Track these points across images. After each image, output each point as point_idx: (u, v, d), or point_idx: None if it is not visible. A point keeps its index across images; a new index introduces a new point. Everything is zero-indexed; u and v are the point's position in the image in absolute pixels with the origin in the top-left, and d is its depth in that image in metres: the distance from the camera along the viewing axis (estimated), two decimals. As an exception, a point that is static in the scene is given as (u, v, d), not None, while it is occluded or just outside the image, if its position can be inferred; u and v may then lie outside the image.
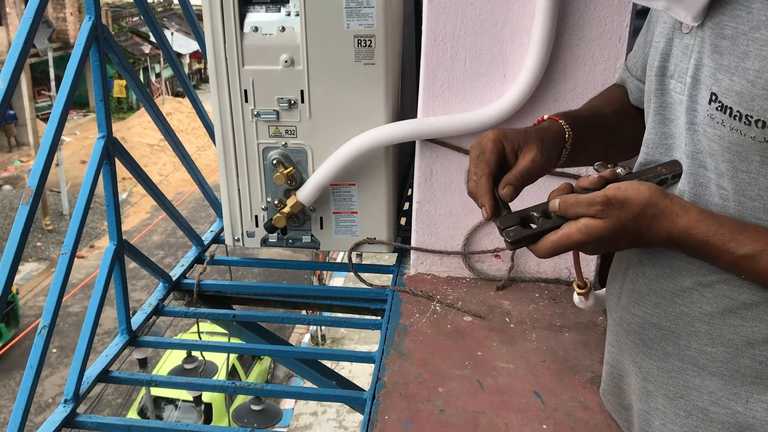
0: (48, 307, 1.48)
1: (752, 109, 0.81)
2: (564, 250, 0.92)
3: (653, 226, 0.88)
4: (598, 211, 0.88)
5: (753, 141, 0.82)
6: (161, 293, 2.01)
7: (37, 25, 1.43)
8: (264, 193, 1.95)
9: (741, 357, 0.92)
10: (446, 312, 1.73)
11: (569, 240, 0.91)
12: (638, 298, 1.04)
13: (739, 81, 0.82)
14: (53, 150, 1.45)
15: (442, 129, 1.74)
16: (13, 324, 11.50)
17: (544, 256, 0.94)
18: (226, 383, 1.88)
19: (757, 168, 0.84)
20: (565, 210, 0.91)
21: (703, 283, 0.94)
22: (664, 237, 0.89)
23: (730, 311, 0.92)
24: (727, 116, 0.84)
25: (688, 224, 0.87)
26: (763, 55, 0.80)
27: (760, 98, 0.80)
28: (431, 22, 1.69)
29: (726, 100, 0.84)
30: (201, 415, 9.00)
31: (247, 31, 1.77)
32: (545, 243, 0.93)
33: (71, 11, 19.81)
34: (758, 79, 0.80)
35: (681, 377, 0.99)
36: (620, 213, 0.88)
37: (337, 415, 10.30)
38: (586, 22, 1.66)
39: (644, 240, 0.90)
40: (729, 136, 0.85)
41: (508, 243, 0.95)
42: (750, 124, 0.82)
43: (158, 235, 15.32)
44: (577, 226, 0.90)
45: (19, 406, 1.39)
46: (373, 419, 1.34)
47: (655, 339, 1.02)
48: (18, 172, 17.28)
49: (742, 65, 0.82)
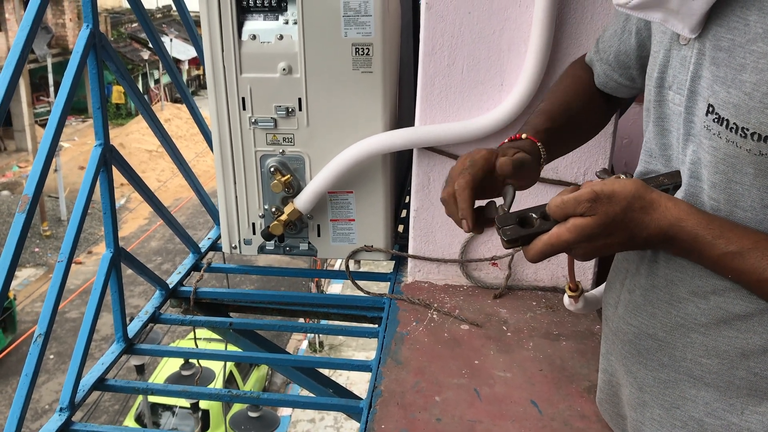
0: (44, 315, 1.47)
1: (748, 122, 0.81)
2: (555, 251, 0.91)
3: (643, 219, 0.87)
4: (587, 208, 0.87)
5: (748, 153, 0.82)
6: (158, 300, 2.01)
7: (35, 30, 1.43)
8: (261, 201, 1.95)
9: (736, 369, 0.92)
10: (443, 320, 1.73)
11: (559, 240, 0.89)
12: (635, 308, 1.04)
13: (735, 93, 0.82)
14: (51, 156, 1.45)
15: (440, 137, 1.75)
16: (10, 330, 11.47)
17: (534, 258, 0.92)
18: (223, 392, 1.88)
19: (751, 180, 0.84)
20: (555, 211, 0.90)
21: (698, 293, 0.94)
22: (655, 230, 0.87)
23: (724, 322, 0.92)
24: (723, 128, 0.84)
25: (679, 216, 0.87)
26: (759, 68, 0.79)
27: (756, 111, 0.80)
28: (429, 30, 1.70)
29: (723, 112, 0.84)
30: (198, 422, 8.96)
31: (245, 39, 1.78)
32: (536, 244, 0.92)
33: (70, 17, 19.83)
34: (755, 92, 0.80)
35: (676, 388, 0.99)
36: (608, 207, 0.87)
37: (335, 422, 10.27)
38: (582, 32, 1.67)
39: (635, 234, 0.88)
40: (725, 147, 0.85)
41: (504, 241, 0.94)
42: (746, 137, 0.82)
43: (156, 241, 15.30)
44: (566, 225, 0.89)
45: (14, 413, 1.39)
46: (370, 428, 1.34)
47: (650, 349, 1.02)
48: (16, 178, 17.27)
49: (739, 77, 0.82)
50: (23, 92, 17.23)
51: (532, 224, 0.94)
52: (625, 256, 1.10)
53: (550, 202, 0.91)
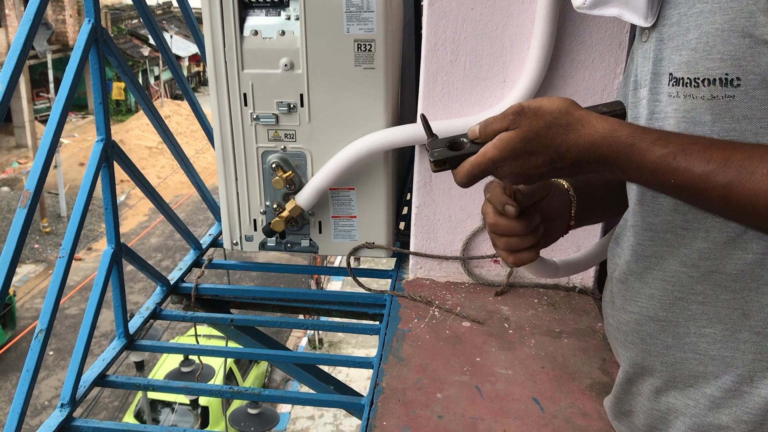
0: (45, 311, 1.47)
1: (698, 72, 0.86)
2: (481, 171, 0.91)
3: (569, 135, 0.86)
4: (511, 122, 0.87)
5: (703, 101, 0.86)
6: (159, 297, 2.01)
7: (36, 26, 1.42)
8: (263, 197, 1.95)
9: (739, 331, 0.92)
10: (445, 317, 1.72)
11: (485, 157, 0.89)
12: (632, 295, 1.05)
13: (685, 53, 0.88)
14: (52, 152, 1.45)
15: (442, 134, 1.74)
16: (10, 326, 11.48)
17: (462, 181, 0.92)
18: (224, 388, 1.88)
19: (710, 127, 0.86)
20: (484, 129, 0.90)
21: (687, 263, 0.95)
22: (584, 145, 0.86)
23: (720, 286, 0.92)
24: (681, 87, 0.88)
25: (611, 128, 0.85)
26: (699, 23, 0.86)
27: (702, 60, 0.85)
28: (431, 26, 1.69)
29: (678, 73, 0.89)
30: (198, 419, 8.98)
31: (246, 35, 1.77)
32: (464, 165, 0.91)
33: (71, 13, 19.82)
34: (698, 45, 0.86)
35: (685, 368, 0.99)
36: (532, 121, 0.86)
37: (335, 419, 10.29)
38: (586, 28, 1.66)
39: (562, 151, 0.87)
40: (683, 104, 0.88)
41: (431, 162, 0.93)
42: (698, 86, 0.86)
43: (156, 237, 15.30)
44: (492, 142, 0.89)
45: (15, 409, 1.38)
46: (371, 425, 1.34)
47: (653, 333, 1.02)
48: (16, 174, 17.27)
49: (686, 39, 0.88)
50: (23, 88, 17.23)
51: (462, 147, 0.93)
52: (612, 252, 1.11)
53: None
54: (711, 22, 0.85)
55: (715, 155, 0.80)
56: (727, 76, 0.84)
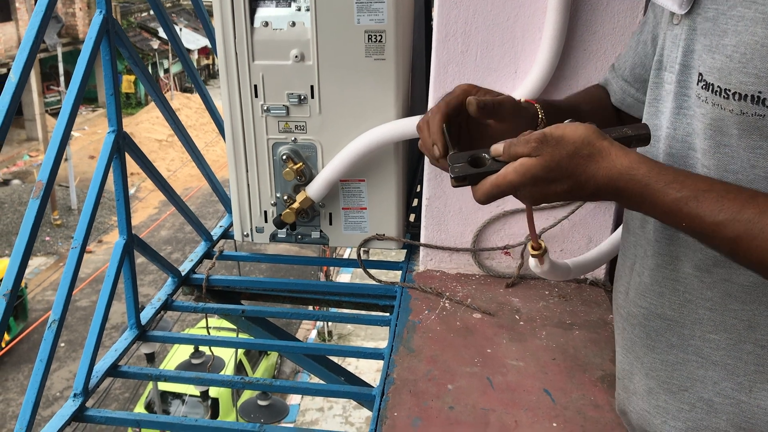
0: (58, 301, 1.48)
1: (730, 83, 0.83)
2: (501, 192, 0.90)
3: (590, 166, 0.85)
4: (533, 149, 0.86)
5: (731, 114, 0.84)
6: (170, 288, 2.01)
7: (47, 20, 1.43)
8: (273, 189, 1.95)
9: (743, 342, 0.92)
10: (456, 309, 1.72)
11: (505, 180, 0.88)
12: (644, 290, 1.04)
13: (719, 58, 0.85)
14: (64, 144, 1.46)
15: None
16: (22, 318, 11.57)
17: (481, 199, 0.91)
18: (235, 378, 1.89)
19: (737, 141, 0.85)
20: (507, 150, 0.89)
21: (701, 267, 0.94)
22: (603, 179, 0.85)
23: (730, 295, 0.92)
24: (710, 93, 0.86)
25: (630, 165, 0.85)
26: (738, 30, 0.83)
27: (736, 72, 0.83)
28: (442, 17, 1.68)
29: (709, 77, 0.86)
30: (208, 410, 9.03)
31: (257, 26, 1.77)
32: (484, 184, 0.90)
33: (80, 6, 19.86)
34: (735, 54, 0.83)
35: (685, 369, 0.99)
36: (554, 150, 0.85)
37: (344, 411, 10.32)
38: (598, 18, 1.65)
39: (581, 182, 0.86)
40: (711, 112, 0.87)
41: (452, 179, 0.93)
42: (728, 98, 0.84)
43: (166, 230, 15.36)
44: (513, 165, 0.88)
45: (29, 399, 1.40)
46: (382, 416, 1.34)
47: (659, 330, 1.02)
48: (27, 167, 17.36)
49: (722, 42, 0.85)
50: (34, 82, 17.30)
51: (484, 164, 0.92)
52: (633, 241, 1.10)
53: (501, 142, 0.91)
54: (752, 33, 0.81)
55: (727, 206, 0.79)
56: (760, 94, 0.81)
